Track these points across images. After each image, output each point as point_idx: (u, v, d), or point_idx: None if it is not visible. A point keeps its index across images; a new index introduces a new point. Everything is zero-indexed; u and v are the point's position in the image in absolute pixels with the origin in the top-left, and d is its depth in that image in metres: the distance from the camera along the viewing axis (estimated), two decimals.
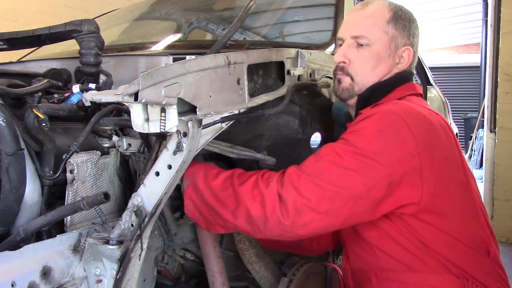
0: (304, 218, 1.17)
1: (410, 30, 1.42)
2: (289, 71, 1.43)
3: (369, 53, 1.39)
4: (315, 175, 1.19)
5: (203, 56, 1.09)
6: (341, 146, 1.23)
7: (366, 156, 1.19)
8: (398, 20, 1.40)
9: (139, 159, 1.26)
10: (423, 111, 1.30)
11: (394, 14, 1.41)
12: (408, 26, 1.42)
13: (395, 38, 1.40)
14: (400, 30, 1.40)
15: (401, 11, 1.43)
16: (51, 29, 1.35)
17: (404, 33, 1.41)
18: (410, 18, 1.44)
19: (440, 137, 1.27)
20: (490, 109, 4.45)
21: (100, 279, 1.09)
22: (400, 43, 1.40)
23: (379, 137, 1.21)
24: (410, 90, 1.42)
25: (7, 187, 1.02)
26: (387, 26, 1.39)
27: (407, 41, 1.42)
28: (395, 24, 1.40)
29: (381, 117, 1.24)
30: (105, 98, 1.03)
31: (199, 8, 2.78)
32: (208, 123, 1.12)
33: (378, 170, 1.18)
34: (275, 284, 1.47)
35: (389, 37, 1.39)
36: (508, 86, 4.25)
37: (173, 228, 1.44)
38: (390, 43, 1.39)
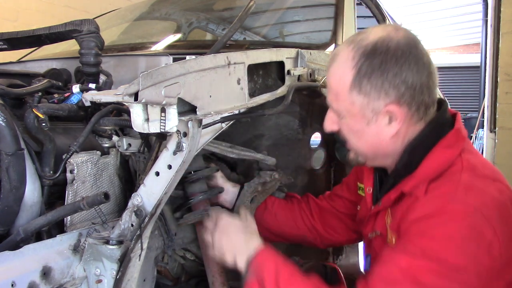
0: None
1: (389, 85, 1.08)
2: (289, 71, 1.43)
3: (346, 125, 1.19)
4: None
5: (203, 56, 1.09)
6: (418, 263, 1.02)
7: (455, 271, 1.00)
8: (363, 82, 1.09)
9: (139, 159, 1.26)
10: (496, 192, 1.08)
11: (357, 75, 1.10)
12: (384, 82, 1.08)
13: (365, 104, 1.11)
14: (371, 93, 1.10)
15: (371, 57, 1.08)
16: (51, 29, 1.36)
17: (380, 93, 1.09)
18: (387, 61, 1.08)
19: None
20: (490, 109, 4.44)
21: (100, 279, 1.09)
22: (379, 107, 1.11)
23: (464, 247, 1.01)
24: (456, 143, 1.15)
25: (7, 187, 1.02)
26: (350, 95, 1.12)
27: (388, 100, 1.10)
28: (360, 89, 1.10)
29: (461, 220, 1.03)
30: (105, 98, 1.04)
31: (199, 8, 2.78)
32: (208, 123, 1.12)
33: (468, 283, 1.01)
34: None
35: (357, 107, 1.13)
36: (508, 86, 4.25)
37: (173, 228, 1.44)
38: (361, 114, 1.13)
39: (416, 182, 1.13)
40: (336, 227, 1.59)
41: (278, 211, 1.59)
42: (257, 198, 1.53)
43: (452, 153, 1.13)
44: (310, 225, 1.59)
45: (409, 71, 1.08)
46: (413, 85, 1.09)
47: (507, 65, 4.23)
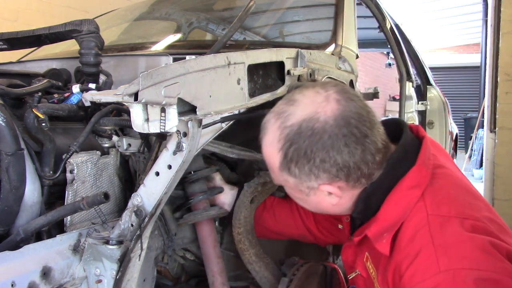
0: None
1: (319, 170, 1.03)
2: (289, 71, 1.43)
3: (290, 195, 1.18)
4: None
5: (203, 56, 1.09)
6: None
7: None
8: (290, 167, 1.05)
9: (139, 159, 1.26)
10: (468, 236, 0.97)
11: (283, 158, 1.05)
12: (313, 168, 1.03)
13: (297, 184, 1.09)
14: (301, 176, 1.06)
15: (297, 141, 1.02)
16: (51, 29, 1.36)
17: (310, 177, 1.05)
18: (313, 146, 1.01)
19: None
20: (490, 109, 4.44)
21: (100, 279, 1.09)
22: (312, 186, 1.07)
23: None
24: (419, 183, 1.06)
25: (7, 187, 1.02)
26: (281, 175, 1.09)
27: (320, 181, 1.05)
28: (288, 171, 1.06)
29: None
30: (105, 98, 1.04)
31: (199, 8, 2.78)
32: (208, 123, 1.12)
33: None
34: (275, 284, 1.47)
35: (291, 185, 1.10)
36: (508, 86, 4.25)
37: (173, 228, 1.44)
38: (298, 189, 1.11)
39: (379, 230, 1.07)
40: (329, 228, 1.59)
41: (277, 211, 1.60)
42: (257, 198, 1.53)
43: (413, 195, 1.05)
44: (308, 226, 1.60)
45: (338, 154, 1.01)
46: (346, 165, 1.02)
47: (507, 65, 4.23)
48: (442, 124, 3.84)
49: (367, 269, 1.18)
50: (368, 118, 1.04)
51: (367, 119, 1.03)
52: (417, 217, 1.03)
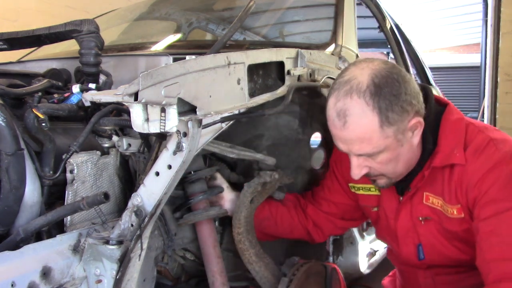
0: None
1: (404, 105, 1.21)
2: (289, 71, 1.43)
3: (385, 158, 1.28)
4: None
5: (203, 56, 1.09)
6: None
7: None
8: (388, 116, 1.20)
9: (139, 159, 1.26)
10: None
11: (379, 111, 1.19)
12: (403, 105, 1.21)
13: (396, 132, 1.23)
14: (397, 120, 1.21)
15: (380, 92, 1.19)
16: (51, 29, 1.35)
17: (403, 115, 1.22)
18: (392, 87, 1.20)
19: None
20: (490, 109, 4.45)
21: (100, 279, 1.09)
22: (404, 126, 1.24)
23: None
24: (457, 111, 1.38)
25: (7, 187, 1.02)
26: (383, 132, 1.21)
27: (408, 117, 1.23)
28: (388, 122, 1.20)
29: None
30: (105, 98, 1.04)
31: (199, 8, 2.78)
32: (208, 123, 1.12)
33: None
34: (275, 284, 1.47)
35: (391, 138, 1.23)
36: (508, 86, 4.25)
37: (173, 228, 1.44)
38: (396, 140, 1.24)
39: (444, 155, 1.31)
40: (324, 228, 1.67)
41: (279, 221, 1.63)
42: (257, 198, 1.53)
43: (460, 120, 1.34)
44: (307, 231, 1.66)
45: (405, 84, 1.23)
46: (412, 95, 1.24)
47: (507, 65, 4.23)
48: None
49: (430, 206, 1.39)
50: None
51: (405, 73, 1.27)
52: (471, 129, 1.33)
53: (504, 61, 4.24)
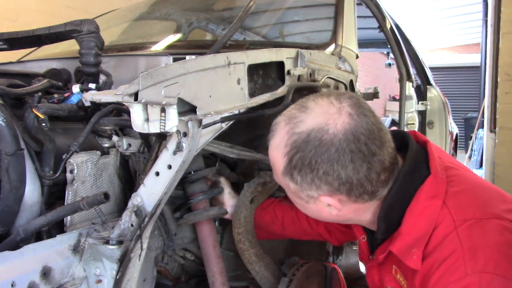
0: None
1: (321, 182, 1.01)
2: (289, 71, 1.43)
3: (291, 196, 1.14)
4: None
5: (203, 56, 1.09)
6: None
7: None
8: (293, 174, 1.04)
9: (139, 159, 1.26)
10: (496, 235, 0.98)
11: (288, 163, 1.03)
12: (315, 179, 1.01)
13: (299, 190, 1.07)
14: (302, 184, 1.04)
15: (298, 154, 1.01)
16: (51, 29, 1.35)
17: (311, 186, 1.03)
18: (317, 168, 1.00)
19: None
20: (490, 109, 4.45)
21: (100, 279, 1.09)
22: (312, 195, 1.06)
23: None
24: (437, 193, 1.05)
25: (7, 187, 1.02)
26: (284, 179, 1.07)
27: (320, 192, 1.04)
28: (291, 178, 1.05)
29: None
30: (105, 98, 1.04)
31: (199, 8, 2.78)
32: (208, 123, 1.12)
33: None
34: (275, 284, 1.47)
35: (292, 190, 1.08)
36: (508, 86, 4.25)
37: (173, 228, 1.44)
38: (298, 197, 1.10)
39: (404, 244, 1.05)
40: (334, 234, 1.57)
41: (286, 225, 1.59)
42: (257, 198, 1.53)
43: (435, 204, 1.04)
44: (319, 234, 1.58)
45: (342, 169, 0.99)
46: (349, 181, 1.01)
47: (507, 65, 4.23)
48: (442, 124, 3.84)
49: (398, 281, 1.16)
50: (379, 135, 1.01)
51: (377, 137, 1.01)
52: (444, 224, 1.01)
53: (504, 61, 4.23)
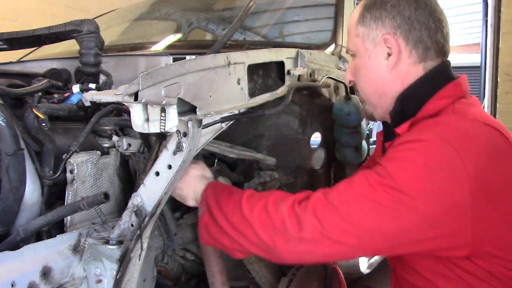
0: (324, 249, 1.05)
1: (387, 15, 1.17)
2: (289, 71, 1.43)
3: (357, 64, 1.26)
4: (342, 208, 1.04)
5: (203, 56, 1.09)
6: (376, 176, 1.04)
7: (405, 193, 1.00)
8: (365, 15, 1.20)
9: (139, 159, 1.26)
10: (480, 133, 1.07)
11: (362, 10, 1.21)
12: (382, 12, 1.17)
13: (366, 35, 1.20)
14: (371, 23, 1.19)
15: (369, 5, 1.20)
16: (51, 29, 1.35)
17: (378, 23, 1.18)
18: (386, 2, 1.18)
19: (498, 163, 1.06)
20: (490, 109, 4.45)
21: (100, 279, 1.09)
22: (377, 36, 1.19)
23: (424, 174, 1.01)
24: (453, 95, 1.15)
25: (7, 187, 1.02)
26: (356, 28, 1.22)
27: (384, 30, 1.17)
28: (363, 21, 1.20)
29: (429, 149, 1.03)
30: (105, 98, 1.03)
31: (199, 8, 2.78)
32: (208, 123, 1.12)
33: (418, 211, 1.00)
34: (275, 284, 1.47)
35: (360, 38, 1.21)
36: (508, 86, 4.25)
37: (173, 228, 1.44)
38: (364, 47, 1.21)
39: (406, 125, 1.16)
40: None
41: None
42: None
43: (446, 101, 1.14)
44: None
45: (406, 5, 1.15)
46: (410, 19, 1.15)
47: (507, 65, 4.23)
48: None
49: None
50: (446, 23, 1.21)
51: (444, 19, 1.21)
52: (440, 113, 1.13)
53: (504, 61, 4.24)
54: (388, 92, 1.22)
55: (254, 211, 1.13)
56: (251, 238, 1.13)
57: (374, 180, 1.04)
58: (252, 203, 1.15)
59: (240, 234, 1.14)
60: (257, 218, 1.11)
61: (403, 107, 1.19)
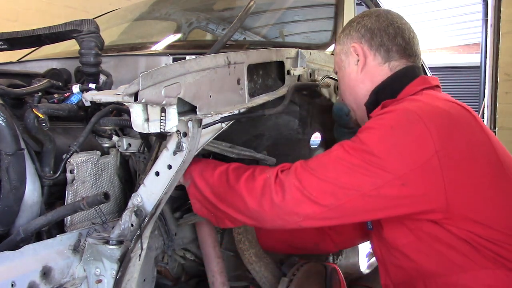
0: (305, 210, 1.14)
1: (353, 30, 1.39)
2: (289, 71, 1.43)
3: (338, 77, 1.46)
4: (319, 170, 1.16)
5: (203, 56, 1.09)
6: (350, 143, 1.18)
7: (375, 155, 1.11)
8: (340, 35, 1.44)
9: (139, 159, 1.26)
10: (442, 105, 1.21)
11: (340, 33, 1.46)
12: (351, 29, 1.40)
13: (340, 50, 1.42)
14: (344, 40, 1.41)
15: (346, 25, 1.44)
16: (51, 29, 1.35)
17: (347, 38, 1.40)
18: (355, 20, 1.41)
19: (463, 128, 1.18)
20: (490, 109, 4.45)
21: (100, 279, 1.09)
22: (348, 48, 1.40)
23: (391, 135, 1.14)
24: (422, 84, 1.31)
25: (7, 187, 1.02)
26: (336, 49, 1.46)
27: (352, 41, 1.39)
28: (339, 41, 1.44)
29: (394, 115, 1.18)
30: (105, 98, 1.03)
31: (199, 8, 2.78)
32: (208, 123, 1.12)
33: (389, 170, 1.10)
34: (275, 284, 1.47)
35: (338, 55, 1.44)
36: (508, 86, 4.26)
37: (173, 228, 1.44)
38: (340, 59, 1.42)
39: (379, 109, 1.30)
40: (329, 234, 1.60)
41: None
42: None
43: (415, 89, 1.29)
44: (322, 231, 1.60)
45: (369, 19, 1.37)
46: (371, 28, 1.36)
47: (507, 65, 4.23)
48: None
49: None
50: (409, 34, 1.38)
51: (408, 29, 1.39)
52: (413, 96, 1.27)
53: (504, 61, 4.24)
54: (360, 92, 1.38)
55: (241, 180, 1.21)
56: (239, 207, 1.20)
57: (348, 146, 1.17)
58: (239, 173, 1.23)
59: (227, 204, 1.21)
60: (244, 186, 1.19)
61: (377, 98, 1.33)
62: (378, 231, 1.33)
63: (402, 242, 1.24)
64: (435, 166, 1.10)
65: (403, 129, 1.14)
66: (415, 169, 1.10)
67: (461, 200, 1.14)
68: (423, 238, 1.19)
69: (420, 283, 1.25)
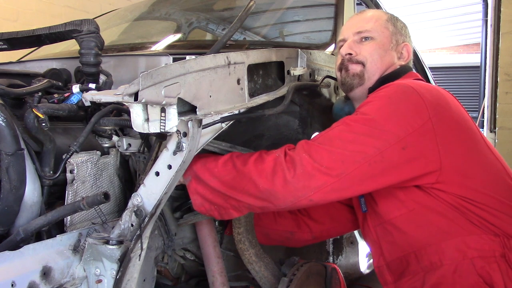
0: (316, 182, 1.18)
1: (406, 32, 1.56)
2: (289, 71, 1.43)
3: (375, 44, 1.49)
4: (326, 142, 1.23)
5: (203, 56, 1.09)
6: (351, 116, 1.29)
7: (376, 121, 1.23)
8: (394, 21, 1.55)
9: (139, 159, 1.26)
10: (435, 87, 1.40)
11: (390, 16, 1.56)
12: (403, 28, 1.56)
13: (395, 34, 1.52)
14: (398, 28, 1.54)
15: (395, 17, 1.58)
16: (51, 29, 1.35)
17: (402, 32, 1.55)
18: (404, 24, 1.58)
19: (449, 103, 1.32)
20: (490, 109, 4.45)
21: (100, 279, 1.09)
22: (400, 40, 1.53)
23: (389, 103, 1.27)
24: (413, 76, 1.49)
25: (7, 187, 1.02)
26: (386, 23, 1.52)
27: (405, 39, 1.54)
28: (393, 23, 1.53)
29: (390, 88, 1.31)
30: (105, 98, 1.03)
31: (199, 8, 2.78)
32: (208, 123, 1.12)
33: (390, 133, 1.21)
34: (275, 284, 1.47)
35: (390, 32, 1.51)
36: (508, 86, 4.25)
37: (173, 228, 1.44)
38: (391, 37, 1.51)
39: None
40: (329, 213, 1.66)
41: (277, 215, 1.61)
42: None
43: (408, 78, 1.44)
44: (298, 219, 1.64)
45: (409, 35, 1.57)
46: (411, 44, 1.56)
47: (507, 65, 4.23)
48: None
49: None
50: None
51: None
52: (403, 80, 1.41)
53: (504, 61, 4.23)
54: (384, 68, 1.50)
55: (248, 164, 1.23)
56: (249, 190, 1.21)
57: (349, 119, 1.28)
58: (245, 158, 1.25)
59: (236, 190, 1.22)
60: (254, 168, 1.22)
61: (380, 85, 1.41)
62: (373, 208, 1.42)
63: (395, 214, 1.34)
64: (430, 129, 1.23)
65: (400, 99, 1.27)
66: (412, 132, 1.22)
67: (453, 162, 1.26)
68: (415, 208, 1.30)
69: (412, 255, 1.33)
